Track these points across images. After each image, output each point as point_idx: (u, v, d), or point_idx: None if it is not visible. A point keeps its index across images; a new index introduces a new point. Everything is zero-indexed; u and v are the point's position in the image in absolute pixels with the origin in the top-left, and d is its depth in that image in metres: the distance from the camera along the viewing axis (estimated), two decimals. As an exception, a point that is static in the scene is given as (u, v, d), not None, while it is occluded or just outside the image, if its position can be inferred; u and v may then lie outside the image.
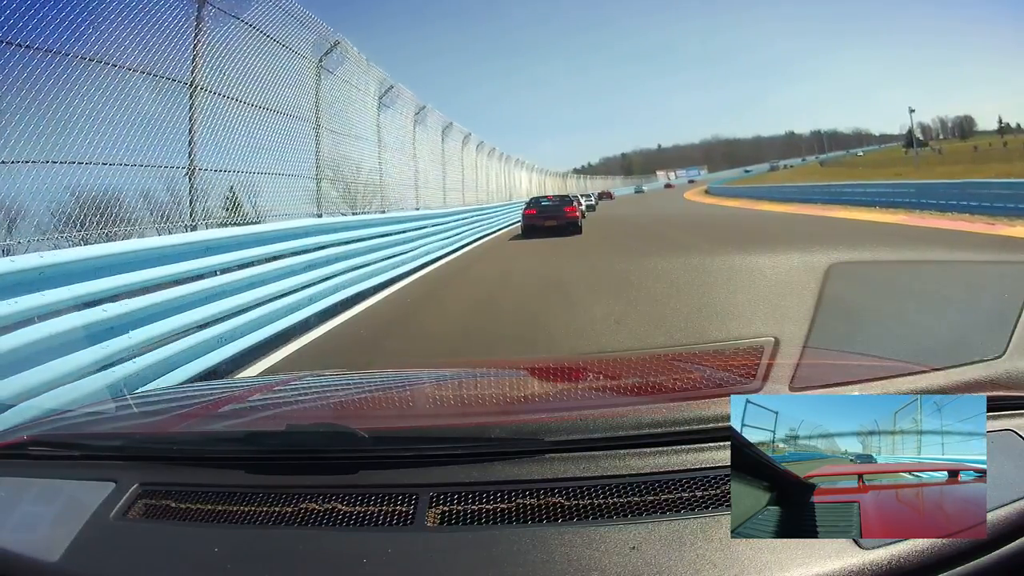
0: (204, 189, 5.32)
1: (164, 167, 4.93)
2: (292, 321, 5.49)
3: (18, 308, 2.86)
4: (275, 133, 6.56)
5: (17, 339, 2.82)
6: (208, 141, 5.39)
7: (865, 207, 17.60)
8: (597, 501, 0.79)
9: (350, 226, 7.59)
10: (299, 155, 7.17)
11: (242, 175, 5.96)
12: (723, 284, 6.21)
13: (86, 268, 3.36)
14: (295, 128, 7.07)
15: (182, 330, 4.03)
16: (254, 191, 6.23)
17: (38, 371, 2.84)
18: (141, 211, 4.71)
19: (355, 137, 9.01)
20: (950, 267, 4.58)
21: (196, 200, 5.17)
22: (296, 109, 7.08)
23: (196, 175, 5.17)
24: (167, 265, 4.04)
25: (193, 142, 5.16)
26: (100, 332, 3.32)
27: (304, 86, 7.33)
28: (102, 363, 3.26)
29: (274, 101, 6.51)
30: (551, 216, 16.11)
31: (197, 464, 0.99)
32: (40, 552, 0.83)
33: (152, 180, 4.79)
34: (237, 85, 5.82)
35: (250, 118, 6.04)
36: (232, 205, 5.92)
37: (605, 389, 1.25)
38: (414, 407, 1.33)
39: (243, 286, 4.88)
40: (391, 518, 0.81)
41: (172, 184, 5.06)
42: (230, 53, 5.74)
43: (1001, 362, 0.95)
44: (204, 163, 5.33)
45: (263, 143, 6.28)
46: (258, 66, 6.18)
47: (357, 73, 9.06)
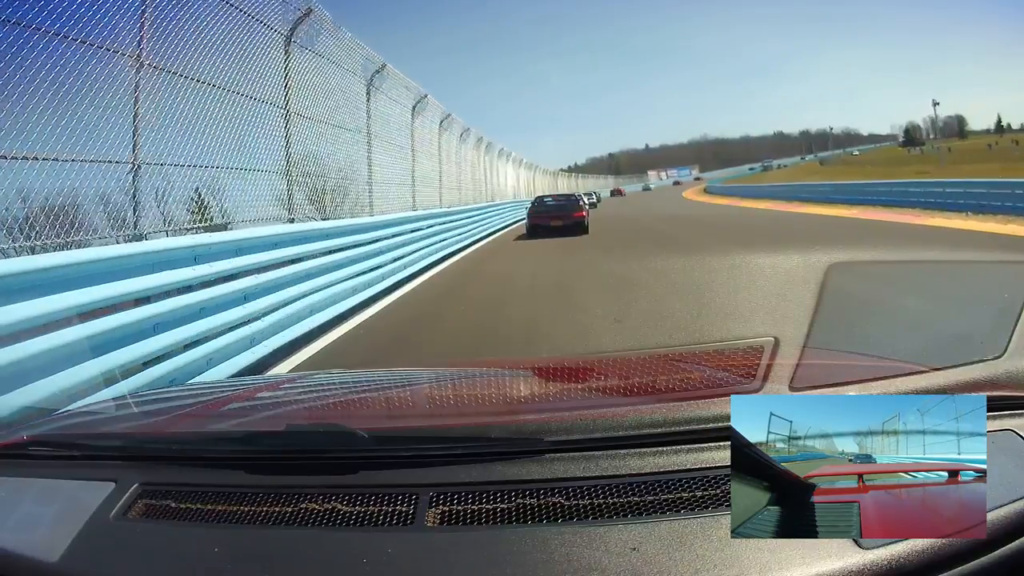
0: (161, 189, 4.47)
1: (108, 162, 3.96)
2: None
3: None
4: (236, 120, 5.52)
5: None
6: (158, 130, 4.42)
7: (904, 208, 15.41)
8: (597, 501, 0.79)
9: (329, 234, 6.44)
10: (270, 147, 6.15)
11: (200, 170, 5.00)
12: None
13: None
14: (258, 112, 5.89)
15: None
16: (219, 190, 5.33)
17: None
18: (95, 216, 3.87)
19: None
20: (950, 267, 4.57)
21: (146, 202, 4.27)
22: (261, 91, 5.97)
23: (142, 172, 4.23)
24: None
25: (137, 131, 4.20)
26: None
27: (273, 64, 6.18)
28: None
29: (236, 81, 5.46)
30: (557, 216, 15.88)
31: (197, 464, 0.99)
32: (40, 552, 0.83)
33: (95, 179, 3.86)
34: (189, 61, 4.77)
35: (205, 98, 5.00)
36: (199, 208, 5.16)
37: (605, 389, 1.25)
38: (414, 407, 1.33)
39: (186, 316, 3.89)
40: (391, 518, 0.81)
41: (125, 184, 4.14)
42: (184, 23, 4.66)
43: (1001, 362, 0.95)
44: (156, 156, 4.39)
45: (224, 132, 5.28)
46: (216, 36, 5.11)
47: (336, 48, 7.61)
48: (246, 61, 5.65)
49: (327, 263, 6.36)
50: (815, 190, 25.76)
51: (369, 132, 9.05)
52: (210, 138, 5.11)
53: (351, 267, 6.90)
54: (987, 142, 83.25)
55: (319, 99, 7.35)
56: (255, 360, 4.49)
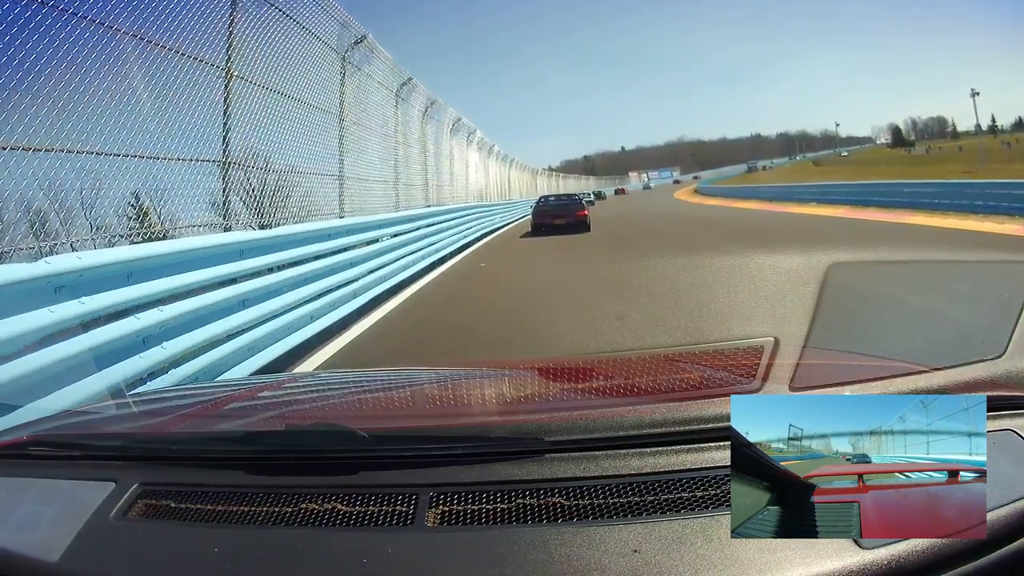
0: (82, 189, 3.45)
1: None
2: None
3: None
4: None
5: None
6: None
7: (963, 213, 12.32)
8: (597, 501, 0.79)
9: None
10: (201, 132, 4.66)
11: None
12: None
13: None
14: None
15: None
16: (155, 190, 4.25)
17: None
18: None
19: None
20: (951, 267, 4.56)
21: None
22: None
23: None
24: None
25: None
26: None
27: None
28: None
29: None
30: (560, 215, 17.08)
31: (197, 464, 0.99)
32: (40, 552, 0.83)
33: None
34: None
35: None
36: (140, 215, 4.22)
37: (605, 389, 1.25)
38: (414, 407, 1.33)
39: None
40: (391, 518, 0.81)
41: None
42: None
43: (1001, 362, 0.95)
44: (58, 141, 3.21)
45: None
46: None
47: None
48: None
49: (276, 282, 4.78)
50: (796, 192, 24.46)
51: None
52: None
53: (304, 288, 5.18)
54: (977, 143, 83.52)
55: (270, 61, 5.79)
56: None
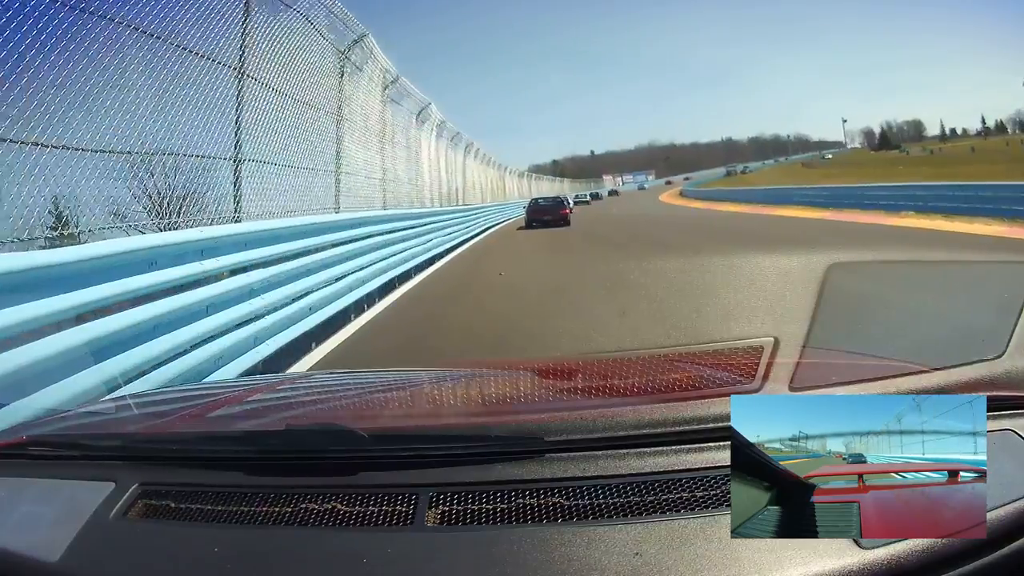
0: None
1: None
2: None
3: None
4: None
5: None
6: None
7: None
8: (597, 501, 0.79)
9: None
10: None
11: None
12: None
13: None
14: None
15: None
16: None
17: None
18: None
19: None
20: (951, 267, 4.56)
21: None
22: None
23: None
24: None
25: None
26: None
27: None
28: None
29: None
30: (547, 212, 21.41)
31: (197, 464, 0.99)
32: (40, 552, 0.83)
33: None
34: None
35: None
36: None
37: (605, 389, 1.25)
38: (414, 407, 1.33)
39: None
40: (391, 518, 0.81)
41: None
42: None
43: (1001, 362, 0.95)
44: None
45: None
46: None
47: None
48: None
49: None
50: (791, 194, 23.04)
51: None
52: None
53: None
54: (969, 145, 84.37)
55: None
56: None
